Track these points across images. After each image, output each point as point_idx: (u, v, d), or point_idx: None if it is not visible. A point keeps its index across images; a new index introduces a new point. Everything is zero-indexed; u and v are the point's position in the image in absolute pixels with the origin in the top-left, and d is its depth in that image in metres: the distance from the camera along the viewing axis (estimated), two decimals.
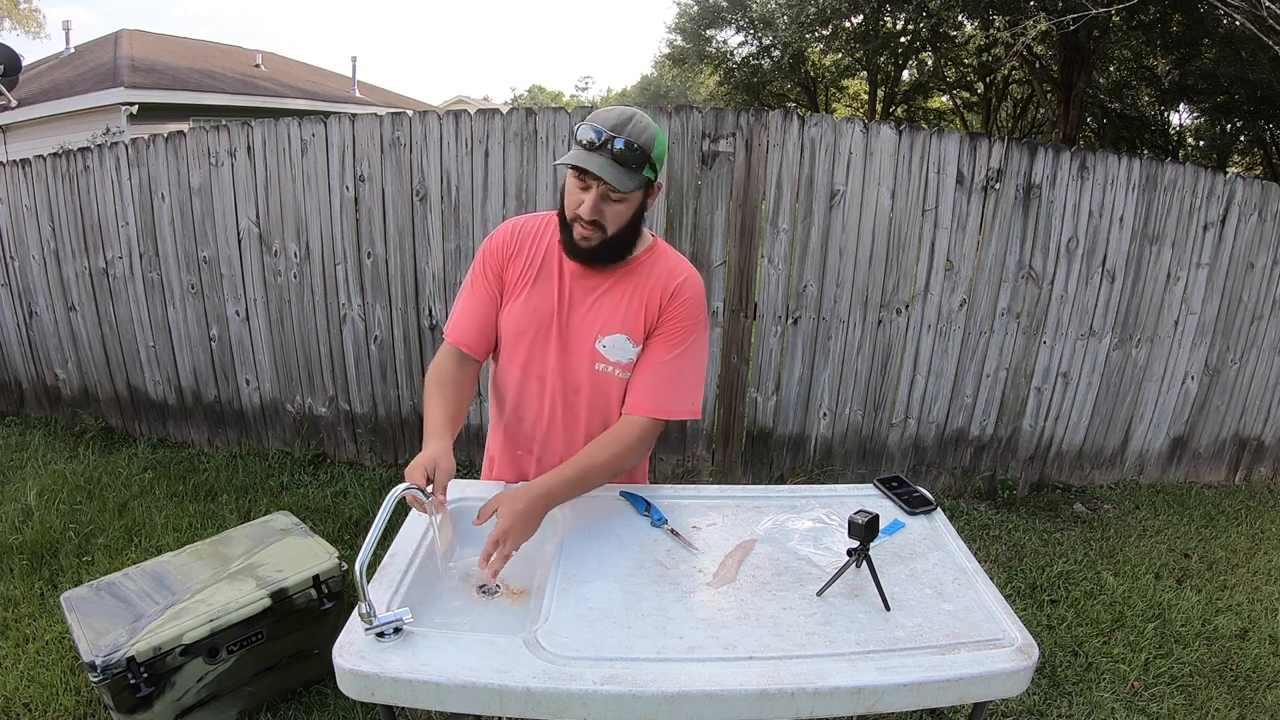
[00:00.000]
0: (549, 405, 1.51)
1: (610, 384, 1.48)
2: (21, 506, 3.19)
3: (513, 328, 1.49)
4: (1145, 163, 3.28)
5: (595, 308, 1.45)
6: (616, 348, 1.45)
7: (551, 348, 1.47)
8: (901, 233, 3.25)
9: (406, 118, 3.28)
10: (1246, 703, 2.29)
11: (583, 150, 1.32)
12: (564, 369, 1.48)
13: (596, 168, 1.30)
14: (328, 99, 12.63)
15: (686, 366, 1.46)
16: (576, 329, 1.46)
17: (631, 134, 1.31)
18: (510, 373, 1.53)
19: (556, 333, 1.46)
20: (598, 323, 1.45)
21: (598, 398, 1.49)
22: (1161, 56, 13.05)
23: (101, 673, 1.82)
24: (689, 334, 1.46)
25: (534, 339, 1.47)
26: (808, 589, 1.24)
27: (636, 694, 1.02)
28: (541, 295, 1.46)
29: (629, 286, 1.45)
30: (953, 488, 3.60)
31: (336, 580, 2.21)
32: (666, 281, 1.45)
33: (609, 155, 1.31)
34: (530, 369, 1.50)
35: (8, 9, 15.50)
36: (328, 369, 3.64)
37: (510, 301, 1.49)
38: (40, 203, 3.84)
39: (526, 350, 1.49)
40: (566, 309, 1.46)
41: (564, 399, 1.50)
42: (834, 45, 17.01)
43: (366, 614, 1.08)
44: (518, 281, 1.48)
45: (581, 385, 1.48)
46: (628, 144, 1.30)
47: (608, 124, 1.31)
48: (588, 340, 1.46)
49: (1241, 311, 3.56)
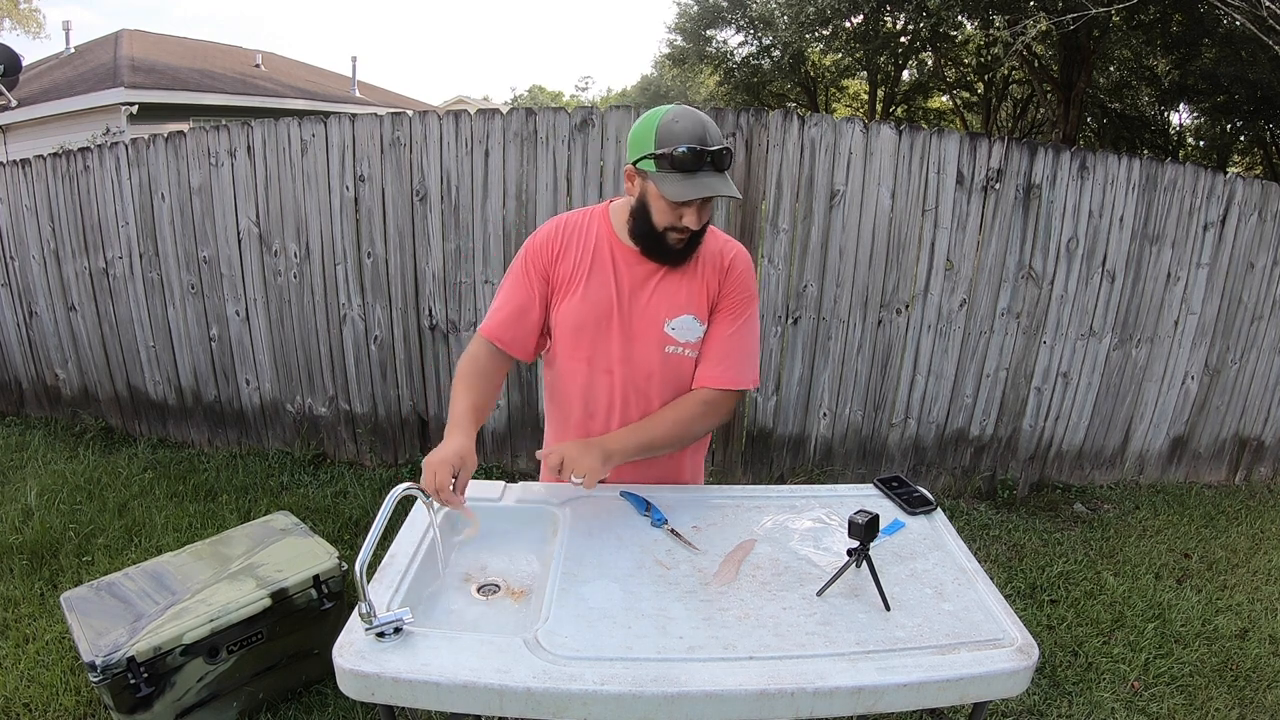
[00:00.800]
0: (620, 395, 1.52)
1: (683, 364, 1.51)
2: (21, 506, 3.19)
3: (572, 323, 1.48)
4: (1145, 163, 3.28)
5: (658, 292, 1.47)
6: (685, 328, 1.48)
7: (615, 338, 1.48)
8: (901, 233, 3.25)
9: (406, 118, 3.28)
10: (1246, 703, 2.29)
11: (682, 174, 1.33)
12: (630, 357, 1.49)
13: (724, 189, 1.33)
14: (328, 99, 12.63)
15: (748, 337, 1.52)
16: (641, 315, 1.47)
17: (715, 139, 1.34)
18: (574, 369, 1.52)
19: (619, 322, 1.47)
20: (663, 306, 1.47)
21: (672, 380, 1.51)
22: (1161, 56, 13.05)
23: (101, 673, 1.82)
24: (746, 306, 1.51)
25: (596, 331, 1.48)
26: (808, 589, 1.24)
27: (636, 694, 1.02)
28: (599, 287, 1.46)
29: (686, 267, 1.47)
30: (953, 488, 3.60)
31: (336, 580, 2.21)
32: (720, 258, 1.50)
33: (713, 168, 1.34)
34: (596, 362, 1.50)
35: (8, 9, 15.50)
36: (328, 369, 3.64)
37: (565, 299, 1.48)
38: (40, 203, 3.84)
39: (590, 344, 1.49)
40: (627, 297, 1.47)
41: (636, 387, 1.51)
42: (834, 45, 17.01)
43: (366, 614, 1.08)
44: (571, 278, 1.48)
45: (653, 370, 1.50)
46: (724, 150, 1.34)
47: (698, 139, 1.32)
48: (655, 325, 1.47)
49: (1241, 311, 3.56)
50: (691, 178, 1.33)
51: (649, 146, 1.34)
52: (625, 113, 3.17)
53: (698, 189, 1.32)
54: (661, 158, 1.33)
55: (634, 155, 1.38)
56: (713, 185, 1.33)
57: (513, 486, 1.55)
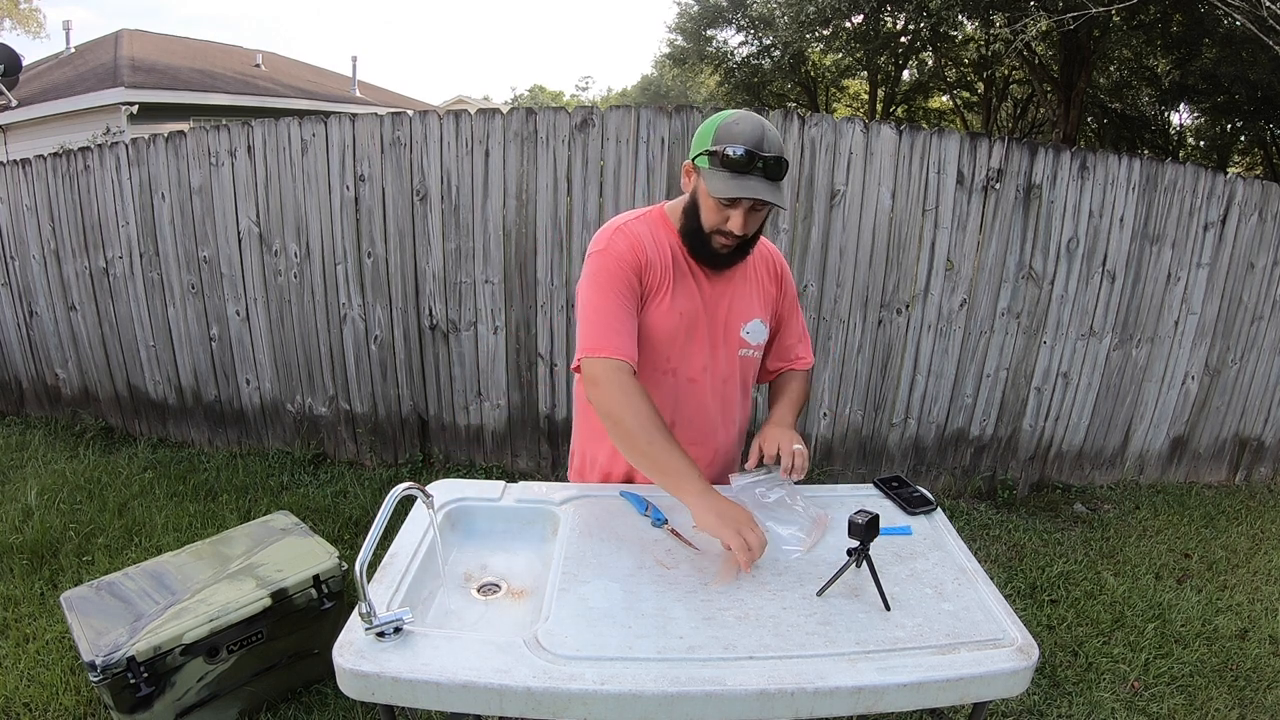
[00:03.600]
0: (709, 402, 1.54)
1: (750, 365, 1.60)
2: (21, 506, 3.19)
3: (660, 333, 1.46)
4: (1145, 163, 3.28)
5: (734, 298, 1.52)
6: (755, 331, 1.56)
7: (702, 345, 1.50)
8: (902, 233, 3.25)
9: (406, 117, 3.28)
10: (1246, 703, 2.29)
11: (730, 174, 1.33)
12: (715, 362, 1.53)
13: (768, 195, 1.33)
14: (328, 99, 12.62)
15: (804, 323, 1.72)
16: (724, 322, 1.51)
17: (771, 147, 1.34)
18: (659, 379, 1.49)
19: (706, 330, 1.50)
20: (739, 311, 1.52)
21: (743, 381, 1.59)
22: (1161, 56, 13.04)
23: (101, 672, 1.82)
24: (797, 296, 1.68)
25: (684, 340, 1.49)
26: (808, 589, 1.24)
27: (637, 694, 1.02)
28: (686, 296, 1.47)
29: (746, 274, 1.54)
30: (953, 488, 3.60)
31: (336, 580, 2.21)
32: (770, 261, 1.60)
33: (762, 174, 1.34)
34: (680, 372, 1.51)
35: (8, 9, 15.50)
36: (328, 369, 3.64)
37: (652, 306, 1.45)
38: (40, 202, 3.84)
39: (679, 353, 1.49)
40: (711, 306, 1.50)
41: (717, 392, 1.55)
42: (834, 45, 17.00)
43: (366, 614, 1.08)
44: (659, 286, 1.45)
45: (732, 373, 1.56)
46: (777, 158, 1.33)
47: (753, 142, 1.32)
48: (734, 330, 1.53)
49: (1242, 312, 3.55)
50: (739, 178, 1.33)
51: (707, 143, 1.36)
52: (625, 113, 3.17)
53: (741, 189, 1.32)
54: (715, 155, 1.34)
55: (694, 151, 1.40)
56: (756, 189, 1.33)
57: (513, 486, 1.55)
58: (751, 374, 1.62)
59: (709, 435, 1.58)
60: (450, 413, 3.61)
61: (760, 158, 1.32)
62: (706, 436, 1.58)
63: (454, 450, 3.66)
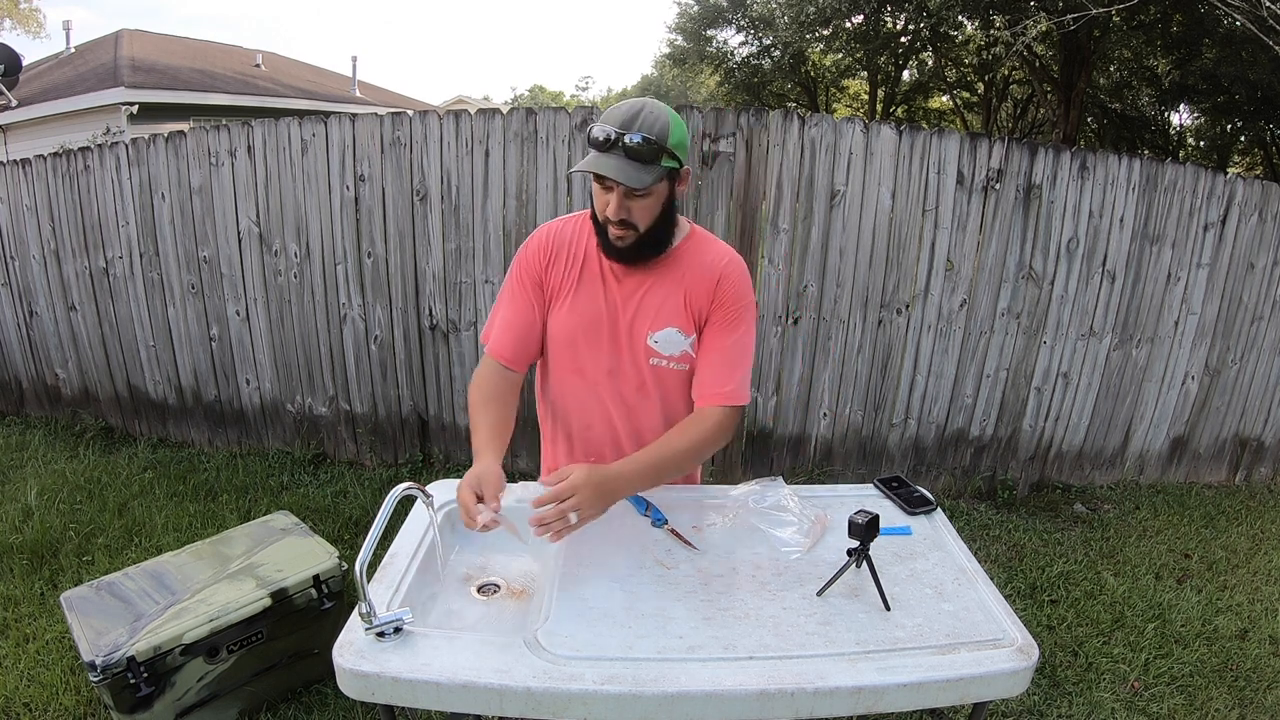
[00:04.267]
0: (614, 408, 1.50)
1: (669, 378, 1.48)
2: (21, 506, 3.19)
3: (561, 335, 1.46)
4: (1145, 163, 3.28)
5: (643, 304, 1.44)
6: (668, 341, 1.45)
7: (605, 350, 1.46)
8: (902, 233, 3.25)
9: (406, 118, 3.28)
10: (1246, 703, 2.29)
11: (596, 153, 1.29)
12: (620, 370, 1.47)
13: (612, 171, 1.27)
14: (328, 99, 12.62)
15: (744, 351, 1.46)
16: (628, 328, 1.45)
17: (643, 127, 1.28)
18: (567, 381, 1.50)
19: (608, 335, 1.45)
20: (647, 319, 1.44)
21: (661, 393, 1.49)
22: (1161, 56, 13.05)
23: (101, 672, 1.82)
24: (742, 317, 1.45)
25: (585, 343, 1.46)
26: (808, 589, 1.24)
27: (637, 694, 1.02)
28: (588, 299, 1.44)
29: (673, 278, 1.43)
30: (953, 488, 3.60)
31: (336, 580, 2.21)
32: (710, 269, 1.44)
33: (622, 154, 1.28)
34: (586, 374, 1.48)
35: (8, 9, 15.50)
36: (328, 369, 3.64)
37: (556, 309, 1.46)
38: (40, 202, 3.84)
39: (580, 356, 1.47)
40: (615, 309, 1.44)
41: (625, 399, 1.49)
42: (834, 45, 17.01)
43: (366, 614, 1.08)
44: (560, 287, 1.45)
45: (643, 382, 1.48)
46: (640, 138, 1.27)
47: (617, 121, 1.28)
48: (640, 337, 1.45)
49: (1242, 312, 3.55)
50: (597, 156, 1.28)
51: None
52: None
53: (592, 164, 1.28)
54: (590, 135, 1.31)
55: None
56: (604, 165, 1.27)
57: (513, 486, 1.54)
58: (677, 389, 1.49)
59: (612, 442, 1.53)
60: (450, 413, 3.61)
61: (621, 137, 1.27)
62: (609, 442, 1.53)
63: (454, 450, 3.66)
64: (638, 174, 1.28)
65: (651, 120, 1.29)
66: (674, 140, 1.31)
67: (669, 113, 1.32)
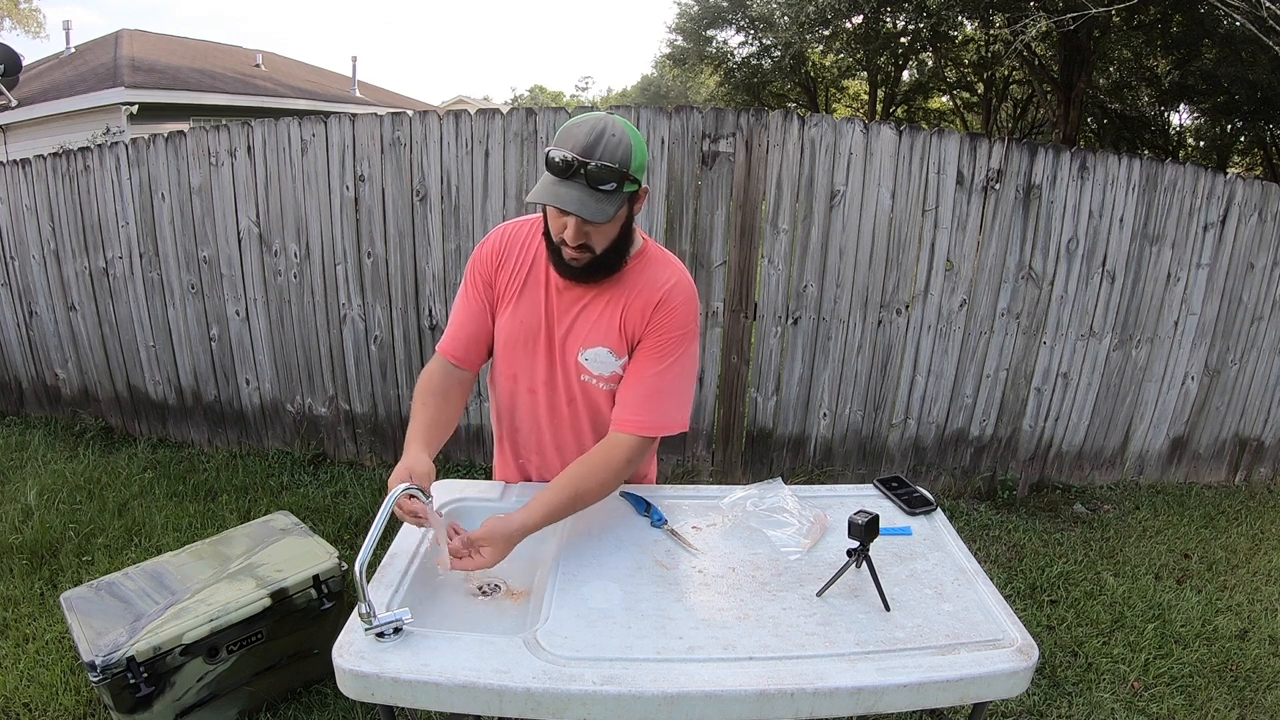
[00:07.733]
0: (543, 416, 1.49)
1: (598, 396, 1.45)
2: (21, 506, 3.19)
3: (502, 339, 1.47)
4: (1145, 163, 3.28)
5: (578, 320, 1.40)
6: (598, 361, 1.41)
7: (540, 359, 1.44)
8: (902, 233, 3.25)
9: (406, 118, 3.28)
10: (1246, 703, 2.29)
11: (554, 178, 1.22)
12: (553, 381, 1.46)
13: (573, 205, 1.20)
14: (328, 99, 12.62)
15: (675, 380, 1.39)
16: (561, 342, 1.42)
17: (605, 154, 1.20)
18: (504, 383, 1.51)
19: (545, 344, 1.43)
20: (580, 335, 1.41)
21: (589, 409, 1.47)
22: (1161, 57, 13.05)
23: (101, 672, 1.82)
24: (677, 346, 1.38)
25: (523, 350, 1.45)
26: (808, 589, 1.24)
27: (636, 694, 1.02)
28: (528, 307, 1.42)
29: (611, 297, 1.38)
30: (953, 488, 3.60)
31: (336, 580, 2.21)
32: (650, 291, 1.36)
33: (583, 182, 1.21)
34: (520, 380, 1.48)
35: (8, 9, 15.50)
36: (328, 369, 3.64)
37: (500, 309, 1.46)
38: (40, 202, 3.84)
39: (517, 361, 1.46)
40: (552, 321, 1.42)
41: (556, 410, 1.48)
42: (834, 45, 17.02)
43: (366, 614, 1.08)
44: (506, 291, 1.44)
45: (574, 396, 1.46)
46: (601, 167, 1.20)
47: (579, 147, 1.20)
48: (571, 352, 1.42)
49: (1241, 312, 3.55)
50: (558, 184, 1.21)
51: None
52: (625, 113, 3.17)
53: (550, 196, 1.21)
54: (547, 156, 1.23)
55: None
56: (565, 198, 1.20)
57: (512, 486, 1.55)
58: (606, 408, 1.45)
59: (538, 449, 1.54)
60: None
61: (580, 164, 1.19)
62: (536, 449, 1.54)
63: (454, 450, 3.67)
64: (599, 205, 1.22)
65: (614, 145, 1.21)
66: (635, 165, 1.24)
67: (630, 134, 1.25)
